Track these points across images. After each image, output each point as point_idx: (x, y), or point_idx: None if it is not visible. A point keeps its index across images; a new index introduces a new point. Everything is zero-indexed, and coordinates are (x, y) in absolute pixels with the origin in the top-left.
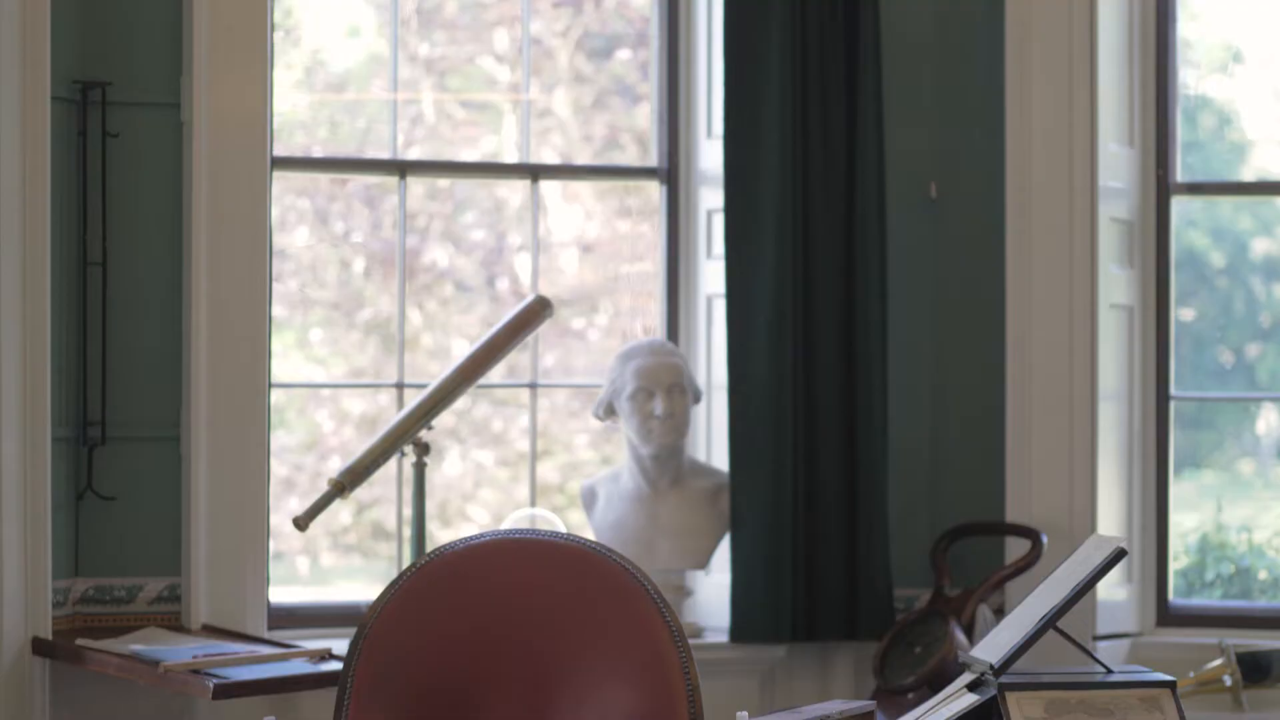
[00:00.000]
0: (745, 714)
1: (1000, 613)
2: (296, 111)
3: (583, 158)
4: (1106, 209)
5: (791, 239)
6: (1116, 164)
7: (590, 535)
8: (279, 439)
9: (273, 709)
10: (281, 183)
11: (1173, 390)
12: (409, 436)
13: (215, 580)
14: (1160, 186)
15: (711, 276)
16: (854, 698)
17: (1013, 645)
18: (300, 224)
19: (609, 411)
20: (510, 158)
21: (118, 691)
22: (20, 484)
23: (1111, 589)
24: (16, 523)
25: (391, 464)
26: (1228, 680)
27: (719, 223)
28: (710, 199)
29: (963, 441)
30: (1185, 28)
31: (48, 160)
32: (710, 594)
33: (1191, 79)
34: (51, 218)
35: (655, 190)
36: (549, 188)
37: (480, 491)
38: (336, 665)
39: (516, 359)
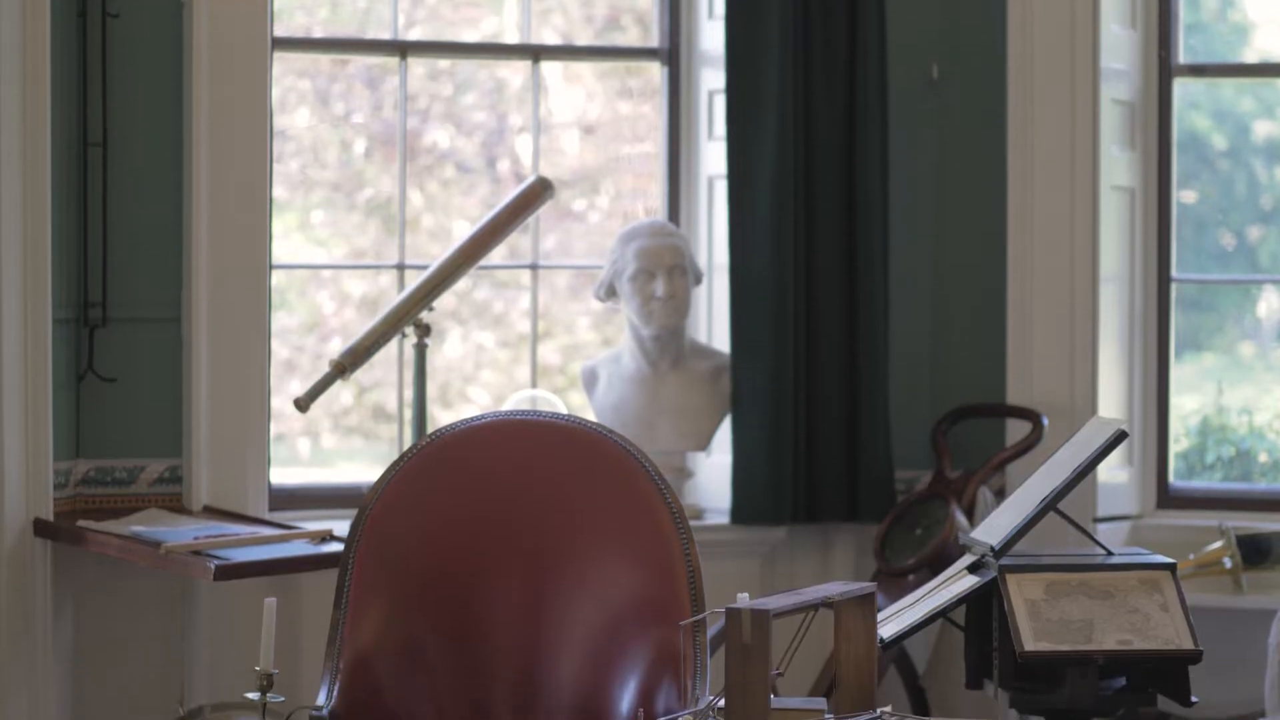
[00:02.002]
0: (746, 596)
1: (1001, 495)
2: None
3: (584, 38)
4: (1108, 90)
5: (793, 120)
6: (1118, 45)
7: (591, 416)
8: (280, 320)
9: (274, 590)
10: (282, 63)
11: (1174, 272)
12: (410, 318)
13: (216, 462)
14: (1162, 68)
15: (713, 158)
16: (854, 579)
17: (1013, 527)
18: (301, 105)
19: (610, 293)
20: (511, 38)
21: (119, 573)
22: (21, 365)
23: (1112, 471)
24: (17, 404)
25: (392, 345)
26: (1228, 563)
27: (720, 104)
28: (711, 80)
29: (964, 323)
30: None
31: (48, 41)
32: (711, 475)
33: None
34: (52, 98)
35: (656, 71)
36: (550, 69)
37: (481, 373)
38: (337, 546)
39: (517, 241)
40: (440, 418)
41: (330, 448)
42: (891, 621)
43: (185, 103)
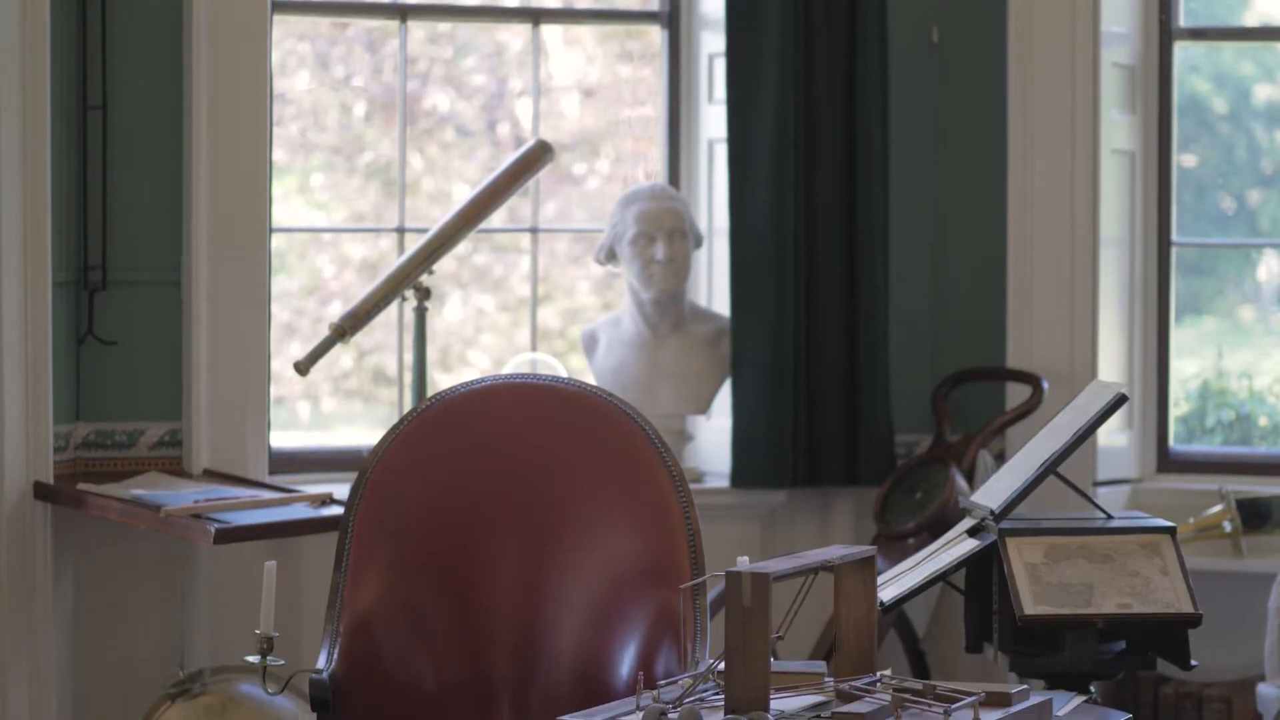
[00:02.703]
0: (746, 559)
1: (1001, 458)
2: None
3: (584, 2)
4: (1108, 54)
5: (793, 84)
6: (1119, 8)
7: (591, 380)
8: (280, 284)
9: (274, 553)
10: (282, 27)
11: (1174, 236)
12: (410, 281)
13: (216, 425)
14: (1163, 31)
15: (713, 121)
16: (854, 543)
17: (1013, 491)
18: (301, 68)
19: (610, 256)
20: (511, 1)
21: (119, 536)
22: (21, 328)
23: (1112, 435)
24: (17, 367)
25: (392, 309)
26: (1227, 526)
27: (720, 67)
28: (712, 43)
29: (964, 287)
30: None
31: (47, 4)
32: (711, 439)
33: None
34: (51, 62)
35: (657, 34)
36: (550, 32)
37: (481, 337)
38: (338, 510)
39: (517, 205)
40: (440, 381)
41: (330, 411)
42: (891, 585)
43: (185, 66)
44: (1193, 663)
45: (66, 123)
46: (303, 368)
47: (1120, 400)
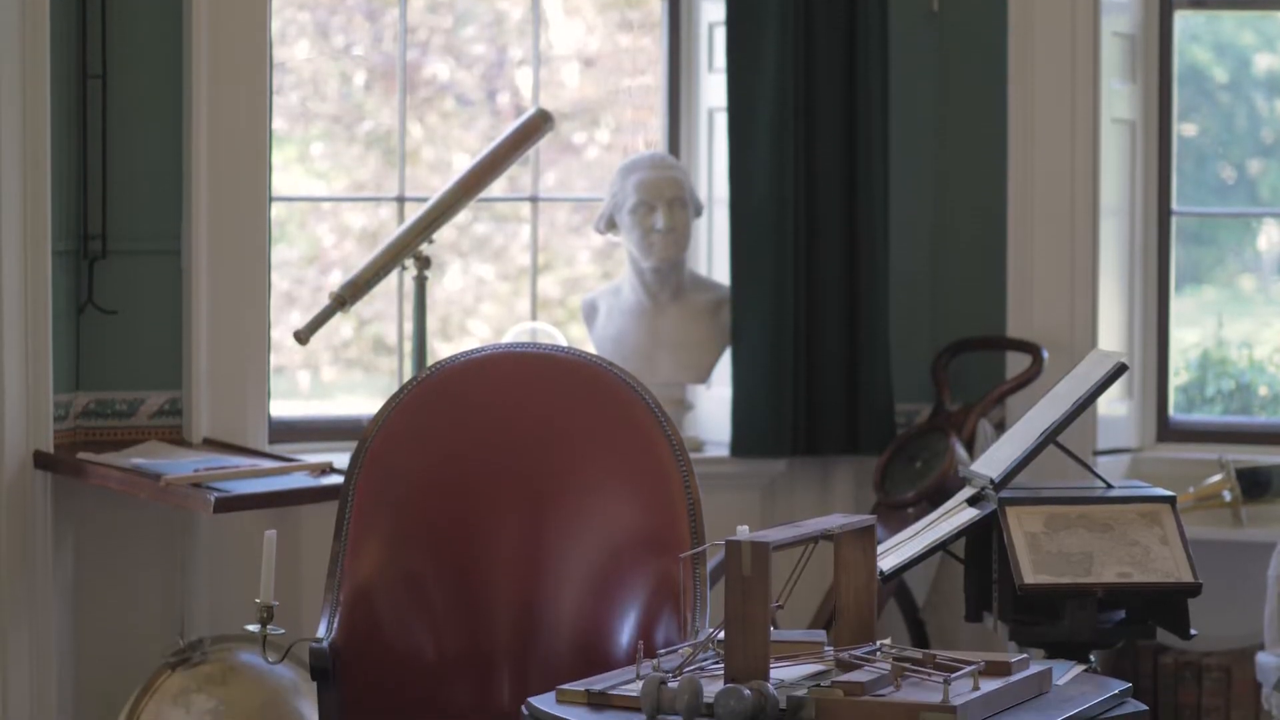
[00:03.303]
0: (746, 528)
1: (1001, 428)
2: None
3: None
4: (1109, 23)
5: (793, 53)
6: None
7: (591, 349)
8: (280, 253)
9: (273, 522)
10: None
11: (1174, 206)
12: (410, 250)
13: (216, 394)
14: (1163, 1)
15: (713, 90)
16: (854, 512)
17: (1013, 460)
18: (301, 37)
19: (610, 225)
20: None
21: (119, 505)
22: (21, 297)
23: (1112, 404)
24: (17, 336)
25: (392, 278)
26: (1227, 496)
27: (720, 36)
28: (712, 12)
29: (964, 256)
30: None
31: None
32: (711, 408)
33: None
34: (51, 30)
35: (656, 3)
36: (550, 1)
37: (481, 306)
38: (337, 479)
39: (517, 174)
40: (440, 350)
41: (330, 380)
42: (891, 554)
43: (185, 35)
44: (1192, 632)
45: (66, 92)
46: (303, 337)
47: (1120, 369)
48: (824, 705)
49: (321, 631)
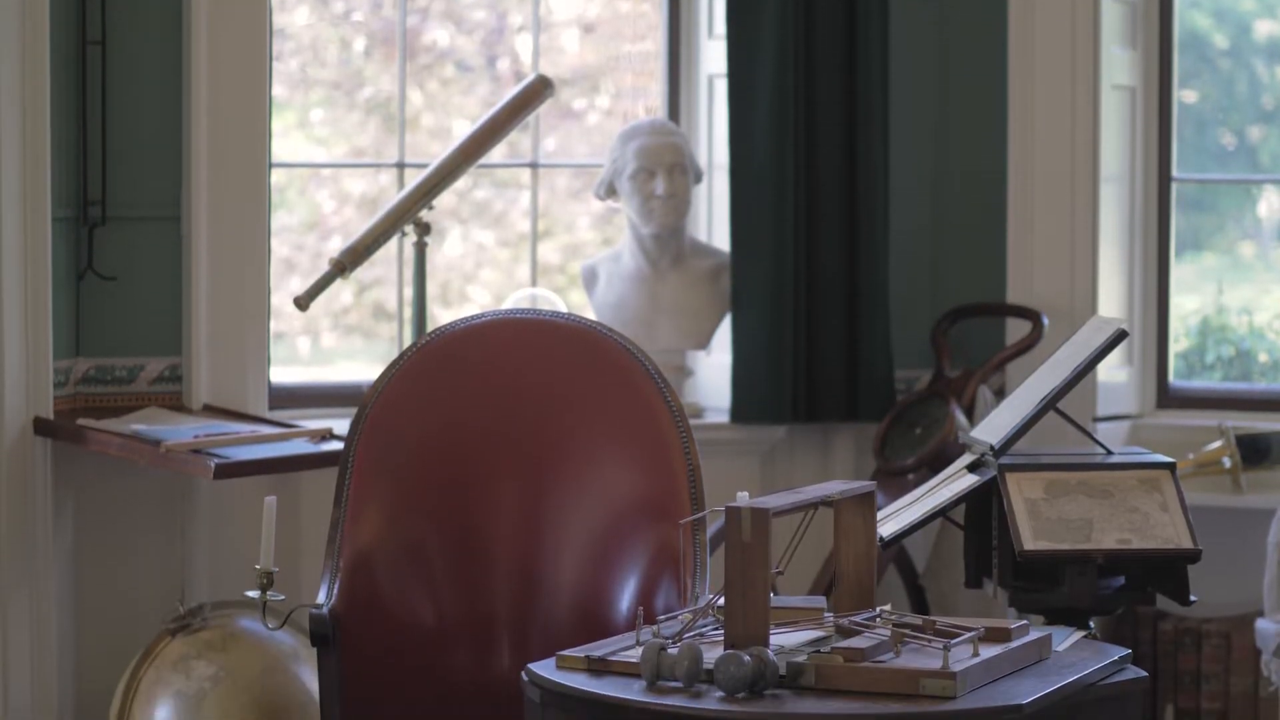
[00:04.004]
0: (745, 494)
1: (1001, 394)
2: None
3: None
4: None
5: (794, 18)
6: None
7: (591, 315)
8: (279, 219)
9: (273, 488)
10: None
11: (1174, 172)
12: (410, 216)
13: (216, 360)
14: None
15: (713, 56)
16: (854, 478)
17: (1013, 426)
18: (300, 3)
19: (610, 192)
20: None
21: (119, 471)
22: (21, 264)
23: (1112, 371)
24: (17, 303)
25: (392, 244)
26: (1227, 462)
27: (720, 2)
28: None
29: (964, 222)
30: None
31: None
32: (710, 374)
33: None
34: None
35: None
36: None
37: (481, 272)
38: (337, 445)
39: (517, 139)
40: (440, 316)
41: (330, 346)
42: (891, 520)
43: (185, 1)
44: (1192, 598)
45: (66, 58)
46: (303, 303)
47: (1120, 336)
48: (824, 671)
49: (321, 597)
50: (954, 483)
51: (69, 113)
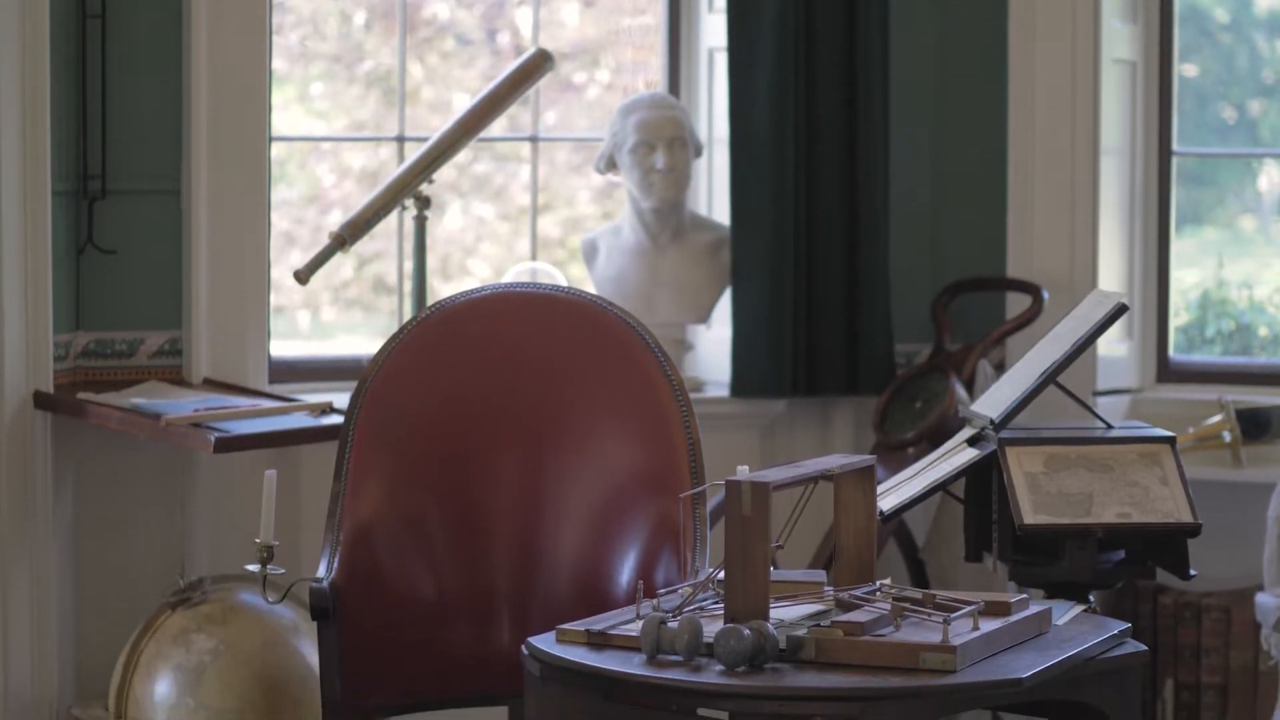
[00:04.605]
0: (745, 468)
1: (1001, 368)
2: None
3: None
4: None
5: None
6: None
7: (591, 289)
8: (279, 193)
9: (274, 462)
10: None
11: (1175, 146)
12: (410, 190)
13: (216, 334)
14: None
15: (713, 30)
16: (854, 452)
17: (1013, 400)
18: None
19: (610, 165)
20: None
21: (119, 445)
22: (20, 238)
23: (1112, 345)
24: (17, 276)
25: (392, 218)
26: (1227, 436)
27: None
28: None
29: (964, 196)
30: None
31: None
32: (710, 348)
33: None
34: None
35: None
36: None
37: (481, 245)
38: (338, 419)
39: (517, 113)
40: (440, 290)
41: (330, 320)
42: (891, 494)
43: None
44: (1191, 572)
45: (65, 31)
46: (303, 277)
47: (1120, 310)
48: (824, 645)
49: (322, 571)
50: (954, 457)
51: (69, 86)
